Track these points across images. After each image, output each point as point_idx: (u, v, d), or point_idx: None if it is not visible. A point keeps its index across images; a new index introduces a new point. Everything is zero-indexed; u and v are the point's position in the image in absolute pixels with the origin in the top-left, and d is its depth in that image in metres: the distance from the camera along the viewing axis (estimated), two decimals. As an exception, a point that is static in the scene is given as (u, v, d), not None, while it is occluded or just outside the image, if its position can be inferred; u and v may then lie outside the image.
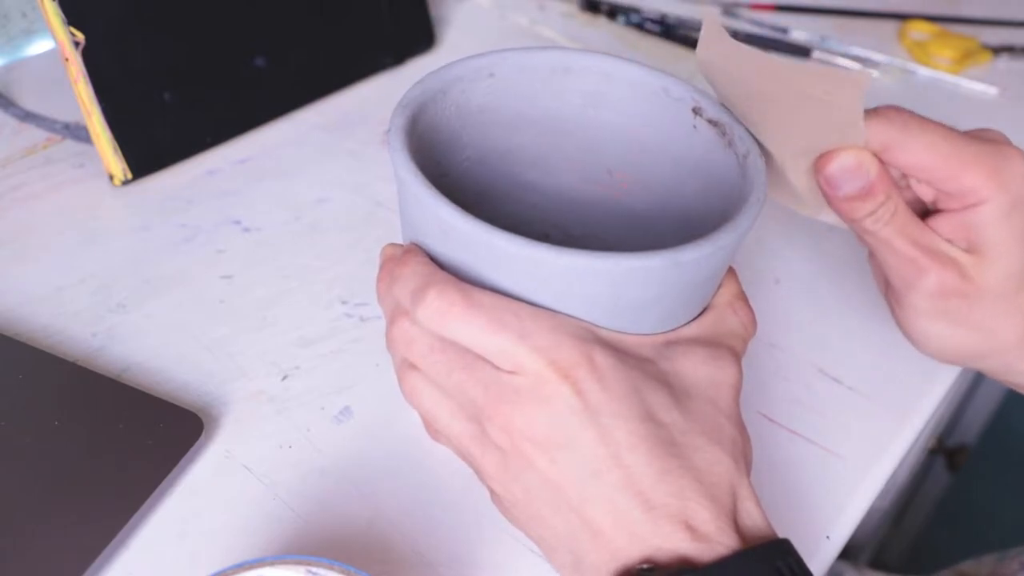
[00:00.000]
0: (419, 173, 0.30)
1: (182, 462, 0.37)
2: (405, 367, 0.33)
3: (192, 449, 0.37)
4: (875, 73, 0.68)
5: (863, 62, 0.69)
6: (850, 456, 0.41)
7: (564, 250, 0.28)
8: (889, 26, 0.75)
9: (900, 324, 0.38)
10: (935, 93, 0.67)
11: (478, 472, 0.32)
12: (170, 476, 0.36)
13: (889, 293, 0.39)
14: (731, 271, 0.35)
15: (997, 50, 0.72)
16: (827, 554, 0.37)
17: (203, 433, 0.38)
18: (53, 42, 0.48)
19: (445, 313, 0.29)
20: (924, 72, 0.69)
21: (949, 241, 0.35)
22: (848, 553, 0.77)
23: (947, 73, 0.69)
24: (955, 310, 0.36)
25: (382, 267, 0.34)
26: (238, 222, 0.51)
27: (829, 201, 0.35)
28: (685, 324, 0.33)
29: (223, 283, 0.47)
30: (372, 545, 0.36)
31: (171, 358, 0.42)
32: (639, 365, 0.30)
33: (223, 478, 0.38)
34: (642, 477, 0.28)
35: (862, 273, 0.50)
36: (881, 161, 0.33)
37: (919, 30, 0.73)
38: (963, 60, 0.69)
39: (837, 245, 0.52)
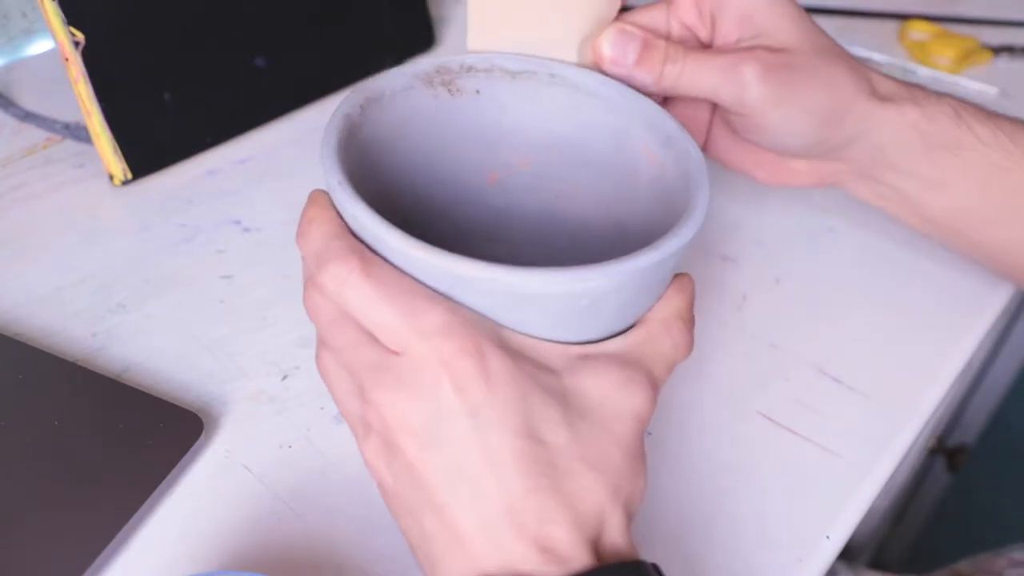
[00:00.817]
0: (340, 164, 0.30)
1: (182, 462, 0.37)
2: (319, 341, 0.31)
3: (192, 449, 0.37)
4: (875, 73, 0.68)
5: (863, 62, 0.69)
6: (850, 456, 0.41)
7: (468, 261, 0.27)
8: (889, 26, 0.75)
9: (762, 139, 0.41)
10: (935, 93, 0.67)
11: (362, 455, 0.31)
12: (170, 476, 0.36)
13: (736, 129, 0.42)
14: (683, 282, 0.32)
15: (997, 50, 0.72)
16: (827, 554, 0.37)
17: (203, 433, 0.38)
18: (53, 42, 0.48)
19: (343, 280, 0.28)
20: (924, 72, 0.69)
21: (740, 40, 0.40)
22: (848, 553, 0.77)
23: (947, 73, 0.69)
24: (790, 82, 0.39)
25: (299, 221, 0.32)
26: (238, 222, 0.51)
27: (629, 78, 0.37)
28: (610, 337, 0.31)
29: (223, 283, 0.47)
30: (372, 545, 0.36)
31: (171, 358, 0.42)
32: (536, 375, 0.28)
33: (223, 478, 0.38)
34: (508, 491, 0.27)
35: (862, 273, 0.50)
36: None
37: (919, 30, 0.73)
38: (963, 60, 0.69)
39: (837, 245, 0.52)
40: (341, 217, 0.30)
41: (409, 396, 0.27)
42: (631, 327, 0.31)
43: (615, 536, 0.28)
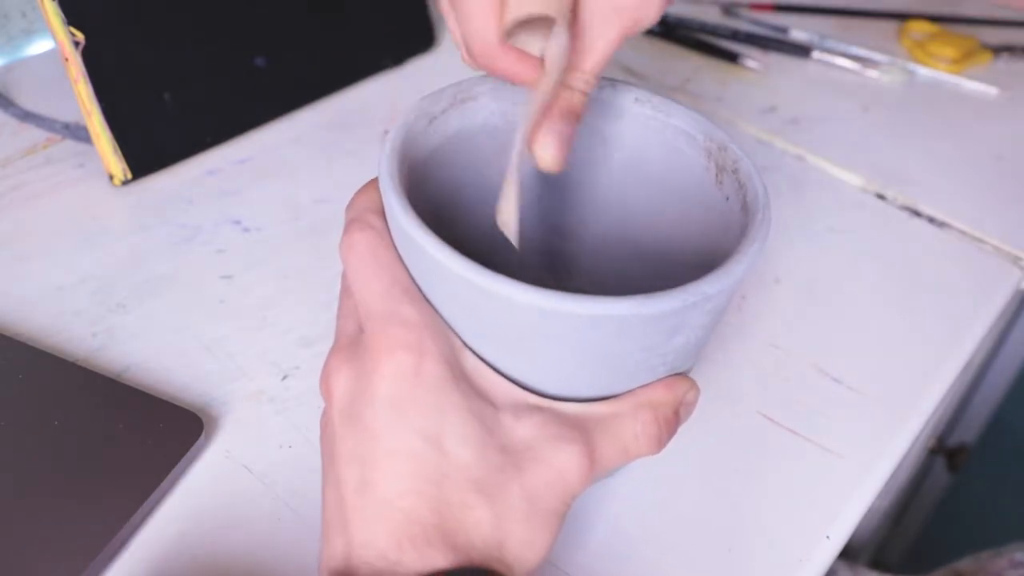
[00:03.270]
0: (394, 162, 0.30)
1: (182, 462, 0.37)
2: None
3: (192, 449, 0.37)
4: (875, 73, 0.68)
5: (863, 62, 0.69)
6: (850, 456, 0.41)
7: (450, 254, 0.26)
8: (889, 26, 0.75)
9: None
10: (935, 93, 0.67)
11: None
12: (170, 476, 0.36)
13: None
14: (679, 383, 0.30)
15: (997, 50, 0.72)
16: (827, 554, 0.37)
17: (203, 433, 0.38)
18: (53, 42, 0.48)
19: (351, 246, 0.29)
20: (924, 72, 0.69)
21: None
22: (848, 553, 0.77)
23: (947, 73, 0.69)
24: None
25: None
26: (238, 222, 0.51)
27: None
28: (578, 401, 0.29)
29: (223, 283, 0.47)
30: (372, 545, 0.36)
31: (171, 358, 0.42)
32: (470, 397, 0.28)
33: (223, 478, 0.38)
34: (390, 486, 0.27)
35: (862, 273, 0.50)
36: None
37: (919, 30, 0.73)
38: (963, 60, 0.69)
39: (837, 245, 0.52)
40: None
41: (350, 369, 0.28)
42: (605, 399, 0.30)
43: (488, 559, 0.27)
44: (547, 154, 0.30)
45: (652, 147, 0.35)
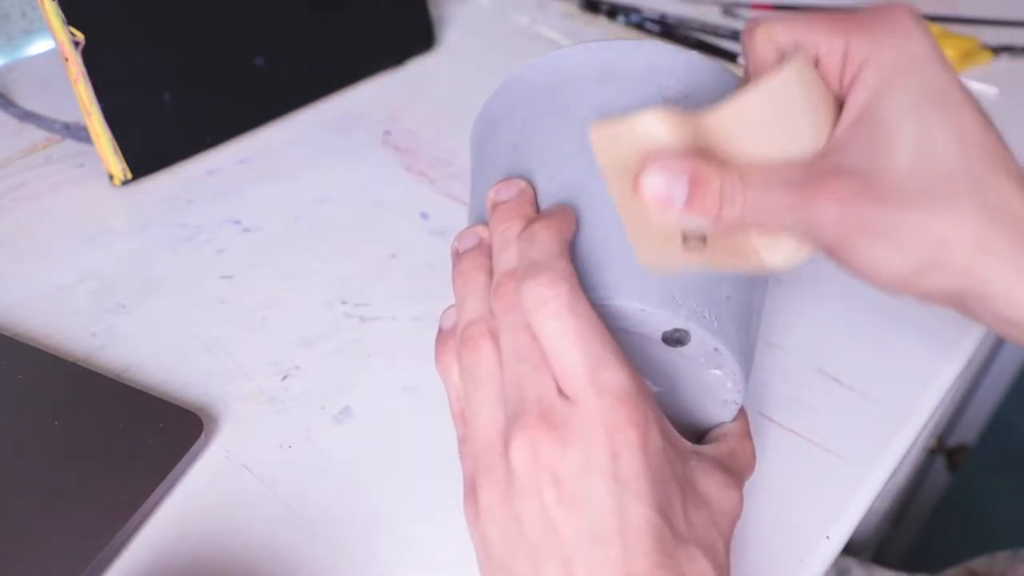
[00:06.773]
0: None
1: (182, 462, 0.37)
2: (480, 326, 0.30)
3: (192, 449, 0.37)
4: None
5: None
6: (850, 456, 0.41)
7: None
8: (889, 26, 0.75)
9: (855, 270, 0.32)
10: (935, 93, 0.67)
11: (465, 472, 0.30)
12: (170, 476, 0.36)
13: (830, 254, 0.32)
14: (743, 411, 0.37)
15: (997, 50, 0.72)
16: (827, 554, 0.37)
17: (203, 433, 0.38)
18: (53, 42, 0.48)
19: (544, 301, 0.28)
20: (924, 72, 0.69)
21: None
22: (848, 553, 0.77)
23: (947, 73, 0.68)
24: (878, 220, 0.29)
25: (511, 202, 0.32)
26: (238, 222, 0.51)
27: (688, 218, 0.30)
28: (705, 444, 0.34)
29: (223, 283, 0.47)
30: (372, 546, 0.36)
31: (171, 358, 0.42)
32: (678, 459, 0.30)
33: (223, 478, 0.38)
34: (633, 563, 0.27)
35: (862, 273, 0.50)
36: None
37: (919, 30, 0.73)
38: (963, 60, 0.69)
39: (837, 245, 0.52)
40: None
41: (565, 445, 0.27)
42: (717, 440, 0.35)
43: None
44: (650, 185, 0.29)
45: None
